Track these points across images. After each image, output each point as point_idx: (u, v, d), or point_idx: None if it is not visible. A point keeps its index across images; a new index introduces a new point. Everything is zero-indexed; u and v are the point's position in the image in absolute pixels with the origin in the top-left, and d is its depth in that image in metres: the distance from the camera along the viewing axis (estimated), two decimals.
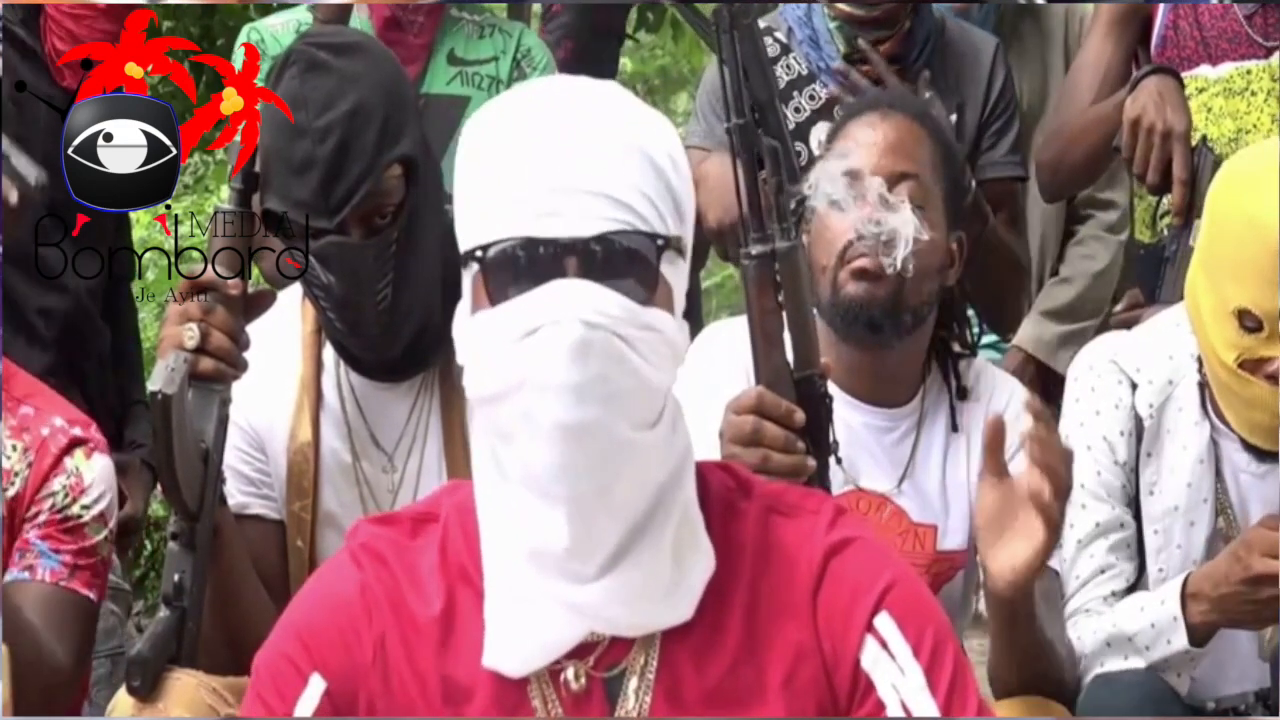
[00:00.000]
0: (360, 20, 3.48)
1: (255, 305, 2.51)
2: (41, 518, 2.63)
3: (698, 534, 1.88)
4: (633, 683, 1.87)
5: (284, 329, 2.68)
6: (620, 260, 1.80)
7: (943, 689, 1.87)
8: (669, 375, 1.85)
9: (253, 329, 2.50)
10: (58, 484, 2.64)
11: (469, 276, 1.86)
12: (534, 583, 1.83)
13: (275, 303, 2.56)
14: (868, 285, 2.70)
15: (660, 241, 1.82)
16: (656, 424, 1.83)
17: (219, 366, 2.44)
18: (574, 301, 1.77)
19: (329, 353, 2.70)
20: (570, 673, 1.87)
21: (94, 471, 2.66)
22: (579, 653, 1.86)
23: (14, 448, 2.64)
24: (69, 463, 2.64)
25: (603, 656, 1.87)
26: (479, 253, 1.82)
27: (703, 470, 1.92)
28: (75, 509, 2.64)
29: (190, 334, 2.42)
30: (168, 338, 2.44)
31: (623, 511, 1.81)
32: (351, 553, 1.93)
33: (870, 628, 1.87)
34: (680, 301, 1.87)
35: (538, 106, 1.85)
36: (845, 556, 1.89)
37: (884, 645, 1.87)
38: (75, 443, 2.66)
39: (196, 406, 2.43)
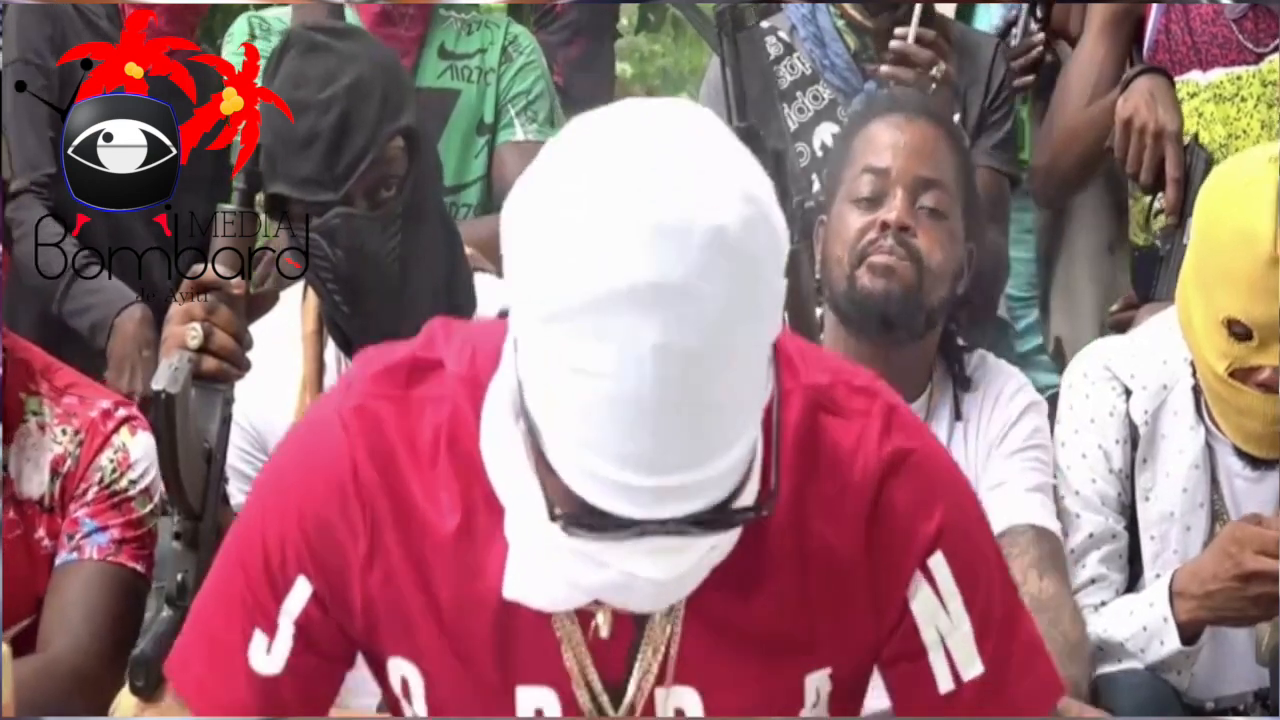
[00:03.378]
0: (349, 15, 3.49)
1: (258, 305, 2.52)
2: (90, 494, 2.65)
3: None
4: (658, 615, 1.74)
5: (285, 330, 2.69)
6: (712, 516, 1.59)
7: (989, 644, 1.78)
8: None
9: (254, 330, 2.51)
10: (105, 459, 2.66)
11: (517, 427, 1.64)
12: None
13: (278, 303, 2.58)
14: (885, 282, 2.70)
15: (751, 513, 1.62)
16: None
17: (222, 366, 2.44)
18: (651, 564, 1.60)
19: (331, 352, 2.71)
20: (600, 619, 1.74)
21: (140, 448, 2.68)
22: None
23: (63, 431, 2.67)
24: (116, 439, 2.67)
25: None
26: (537, 464, 1.60)
27: None
28: (123, 483, 2.66)
29: (194, 333, 2.42)
30: (171, 337, 2.44)
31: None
32: (343, 419, 1.74)
33: (923, 566, 1.76)
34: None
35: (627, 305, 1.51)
36: (903, 478, 1.74)
37: (935, 590, 1.76)
38: (122, 421, 2.69)
39: (200, 406, 2.43)
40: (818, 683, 1.79)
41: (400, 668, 1.80)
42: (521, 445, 1.64)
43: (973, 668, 1.78)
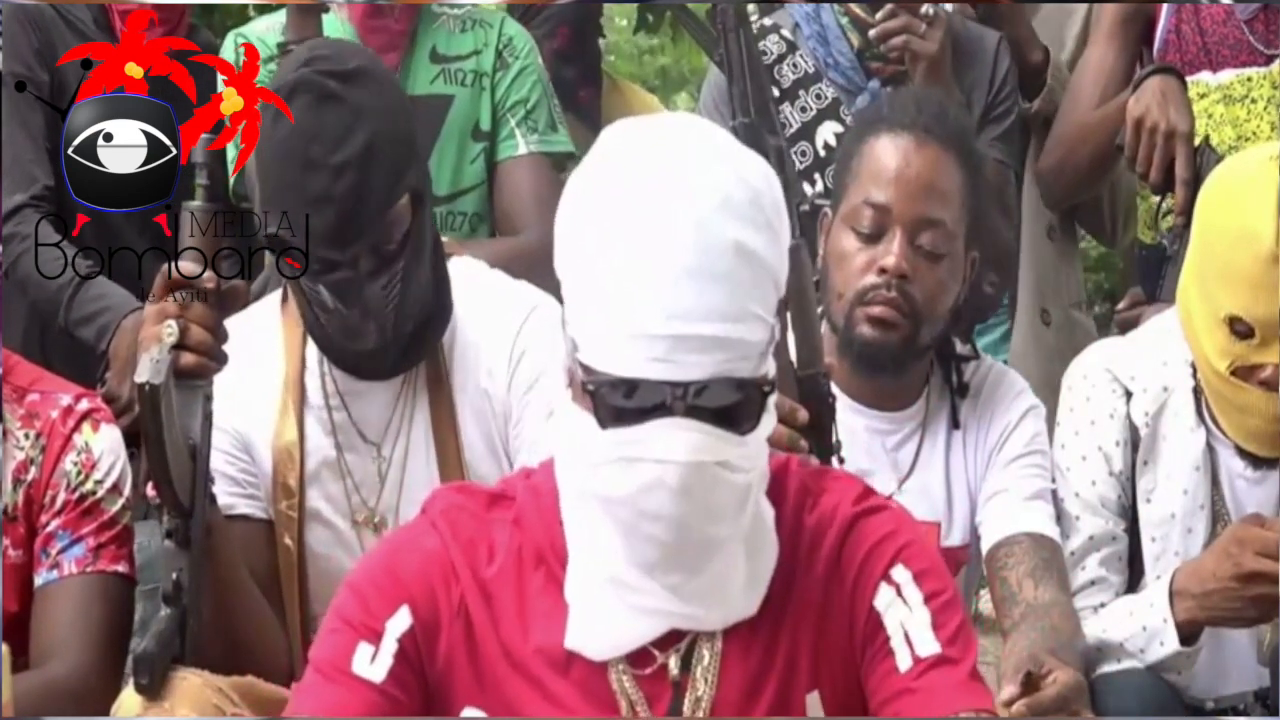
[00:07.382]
0: (336, 11, 3.45)
1: (230, 300, 2.50)
2: (59, 501, 2.64)
3: (767, 528, 2.02)
4: (699, 669, 2.02)
5: (265, 330, 2.70)
6: (727, 395, 1.89)
7: (947, 631, 2.00)
8: (763, 461, 1.97)
9: (233, 330, 2.49)
10: (69, 462, 2.65)
11: (572, 371, 1.95)
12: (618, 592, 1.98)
13: (249, 297, 2.57)
14: (883, 332, 2.71)
15: (766, 388, 1.92)
16: (746, 501, 1.95)
17: (201, 361, 2.43)
18: (678, 443, 1.88)
19: (312, 350, 2.70)
20: (672, 661, 2.01)
21: (102, 443, 2.67)
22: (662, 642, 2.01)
23: (25, 436, 2.65)
24: (78, 439, 2.66)
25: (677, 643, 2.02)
26: (586, 380, 1.90)
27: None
28: (89, 485, 2.65)
29: (169, 330, 2.40)
30: (147, 337, 2.41)
31: (712, 549, 1.96)
32: (431, 520, 2.05)
33: (887, 576, 2.02)
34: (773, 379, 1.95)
35: (638, 202, 1.88)
36: (870, 519, 2.04)
37: (898, 591, 2.01)
38: (82, 417, 2.67)
39: (181, 403, 2.41)
40: (813, 705, 2.04)
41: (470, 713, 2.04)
42: (589, 500, 1.96)
43: (929, 647, 2.00)
